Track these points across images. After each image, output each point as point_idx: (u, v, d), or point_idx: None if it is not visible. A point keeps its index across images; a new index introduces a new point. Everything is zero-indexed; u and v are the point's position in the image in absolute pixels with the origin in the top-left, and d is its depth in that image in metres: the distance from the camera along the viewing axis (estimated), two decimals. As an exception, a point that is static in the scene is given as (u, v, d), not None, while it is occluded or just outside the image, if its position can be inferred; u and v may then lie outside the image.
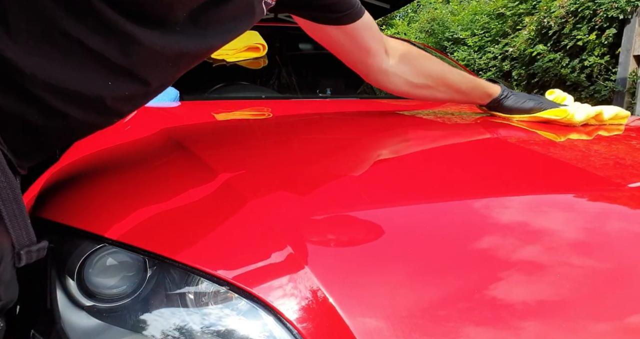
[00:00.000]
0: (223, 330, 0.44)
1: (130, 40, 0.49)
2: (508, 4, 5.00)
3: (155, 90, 0.58)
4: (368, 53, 0.89)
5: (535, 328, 0.42)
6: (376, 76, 0.95)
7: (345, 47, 0.88)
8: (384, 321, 0.41)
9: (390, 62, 0.93)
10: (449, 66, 1.00)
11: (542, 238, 0.52)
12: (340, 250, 0.48)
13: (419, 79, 0.96)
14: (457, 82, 0.99)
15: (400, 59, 0.94)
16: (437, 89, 0.97)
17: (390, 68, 0.93)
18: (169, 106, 1.22)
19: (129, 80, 0.51)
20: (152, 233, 0.50)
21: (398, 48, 0.95)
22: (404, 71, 0.94)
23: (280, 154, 0.75)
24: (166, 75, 0.57)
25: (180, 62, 0.56)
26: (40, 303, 0.47)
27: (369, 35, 0.87)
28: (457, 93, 1.00)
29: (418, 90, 0.97)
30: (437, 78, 0.97)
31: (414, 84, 0.96)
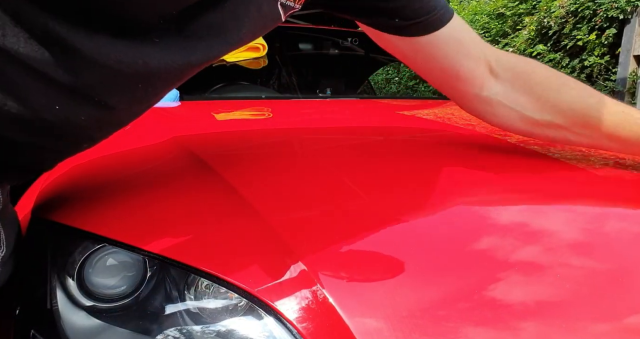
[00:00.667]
0: (223, 330, 0.44)
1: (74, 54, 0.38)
2: (508, 4, 4.99)
3: (127, 113, 0.47)
4: (457, 75, 0.63)
5: (535, 328, 0.42)
6: (474, 106, 0.68)
7: (421, 66, 0.64)
8: (383, 321, 0.41)
9: (497, 88, 0.65)
10: (599, 96, 0.65)
11: (542, 239, 0.52)
12: (340, 250, 0.48)
13: (543, 114, 0.65)
14: (609, 123, 0.63)
15: (514, 84, 0.65)
16: (571, 130, 0.65)
17: (496, 96, 0.65)
18: (169, 106, 1.23)
19: (82, 104, 0.41)
20: (152, 233, 0.50)
21: (512, 67, 0.66)
22: (518, 102, 0.65)
23: (280, 155, 0.75)
24: (136, 97, 0.45)
25: (156, 82, 0.44)
26: (40, 303, 0.47)
27: (456, 52, 0.61)
28: (609, 139, 0.65)
29: (541, 129, 0.67)
30: (573, 115, 0.64)
31: (533, 121, 0.65)
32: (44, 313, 0.47)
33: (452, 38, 0.60)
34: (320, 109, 1.27)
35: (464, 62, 0.62)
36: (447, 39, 0.60)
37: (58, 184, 0.64)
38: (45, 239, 0.52)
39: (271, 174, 0.65)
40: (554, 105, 0.64)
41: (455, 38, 0.60)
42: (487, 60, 0.64)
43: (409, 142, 0.86)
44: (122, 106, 0.44)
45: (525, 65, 0.66)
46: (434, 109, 1.19)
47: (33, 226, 0.54)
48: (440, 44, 0.60)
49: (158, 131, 0.89)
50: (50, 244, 0.51)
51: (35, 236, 0.53)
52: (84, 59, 0.38)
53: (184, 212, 0.53)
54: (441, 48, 0.60)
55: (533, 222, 0.54)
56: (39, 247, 0.51)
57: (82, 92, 0.40)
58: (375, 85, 4.60)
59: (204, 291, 0.46)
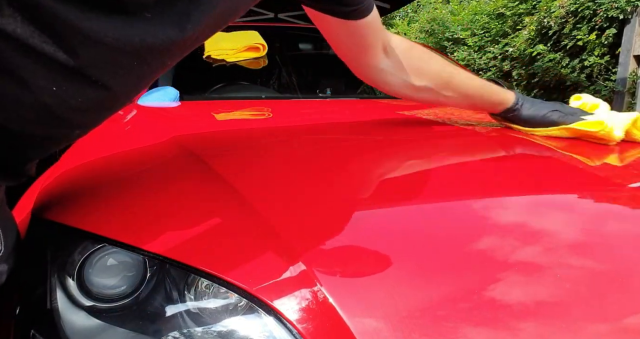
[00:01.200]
0: (223, 330, 0.44)
1: (72, 32, 0.38)
2: (508, 4, 4.99)
3: (122, 95, 0.47)
4: (365, 51, 0.82)
5: (535, 328, 0.42)
6: (372, 76, 0.87)
7: (344, 42, 0.81)
8: (383, 321, 0.41)
9: (388, 61, 0.85)
10: (457, 68, 0.90)
11: (542, 239, 0.52)
12: (341, 250, 0.48)
13: (420, 81, 0.86)
14: (463, 86, 0.88)
15: (400, 58, 0.85)
16: (440, 93, 0.87)
17: (387, 68, 0.84)
18: (168, 106, 1.22)
19: (79, 85, 0.41)
20: (152, 233, 0.50)
21: (399, 46, 0.86)
22: (402, 72, 0.85)
23: (280, 155, 0.75)
24: (132, 76, 0.45)
25: (152, 59, 0.45)
26: (40, 303, 0.47)
27: (370, 33, 0.80)
28: (464, 99, 0.89)
29: (418, 93, 0.88)
30: (440, 81, 0.87)
31: (413, 86, 0.86)
32: (44, 313, 0.47)
33: (371, 23, 0.78)
34: (320, 109, 1.27)
35: (373, 41, 0.81)
36: (368, 23, 0.77)
37: (58, 184, 0.64)
38: (45, 239, 0.52)
39: (271, 174, 0.65)
40: (426, 73, 0.86)
41: (373, 23, 0.78)
42: (383, 41, 0.83)
43: (409, 142, 0.86)
44: (118, 87, 0.44)
45: (406, 44, 0.87)
46: (434, 109, 1.19)
47: (33, 226, 0.54)
48: (363, 27, 0.77)
49: (158, 131, 0.89)
50: (50, 244, 0.51)
51: (35, 236, 0.53)
52: (81, 38, 0.38)
53: (184, 213, 0.53)
54: (362, 30, 0.78)
55: (533, 222, 0.54)
56: (39, 247, 0.51)
57: (80, 72, 0.40)
58: (375, 85, 4.59)
59: (204, 291, 0.46)
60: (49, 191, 0.61)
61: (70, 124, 0.46)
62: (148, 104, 1.23)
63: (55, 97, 0.40)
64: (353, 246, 0.49)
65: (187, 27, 0.44)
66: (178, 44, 0.45)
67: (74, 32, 0.38)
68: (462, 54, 5.32)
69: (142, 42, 0.41)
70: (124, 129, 1.00)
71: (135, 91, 0.49)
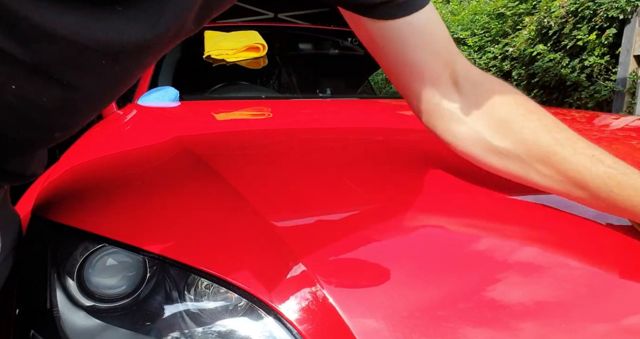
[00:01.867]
0: (223, 330, 0.44)
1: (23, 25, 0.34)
2: (508, 4, 4.99)
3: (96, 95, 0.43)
4: (421, 76, 0.55)
5: (535, 328, 0.42)
6: (432, 118, 0.58)
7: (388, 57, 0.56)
8: (383, 322, 0.41)
9: (459, 102, 0.56)
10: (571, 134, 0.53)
11: (542, 239, 0.52)
12: (341, 250, 0.48)
13: (503, 140, 0.54)
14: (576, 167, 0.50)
15: (477, 102, 0.55)
16: (533, 166, 0.53)
17: (456, 111, 0.56)
18: (168, 106, 1.23)
19: (41, 83, 0.37)
20: (152, 233, 0.50)
21: (479, 82, 0.56)
22: (477, 123, 0.55)
23: (280, 155, 0.75)
24: (103, 76, 0.40)
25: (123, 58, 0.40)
26: (40, 303, 0.47)
27: (425, 46, 0.54)
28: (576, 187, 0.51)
29: (499, 158, 0.56)
30: (537, 149, 0.52)
31: (491, 147, 0.55)
32: (44, 313, 0.47)
33: (424, 29, 0.53)
34: (320, 109, 1.27)
35: (431, 61, 0.55)
36: (418, 28, 0.53)
37: (58, 184, 0.64)
38: (45, 239, 0.52)
39: (271, 174, 0.65)
40: (516, 132, 0.54)
41: (427, 30, 0.53)
42: (455, 68, 0.56)
43: (409, 142, 0.86)
44: (87, 86, 0.40)
45: (493, 84, 0.57)
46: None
47: (33, 226, 0.54)
48: (409, 32, 0.53)
49: (158, 131, 0.89)
50: (50, 244, 0.51)
51: (35, 236, 0.53)
52: (35, 32, 0.34)
53: (184, 213, 0.53)
54: (409, 38, 0.53)
55: (533, 222, 0.54)
56: (39, 247, 0.51)
57: (40, 69, 0.36)
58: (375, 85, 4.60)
59: (204, 291, 0.46)
60: (49, 191, 0.61)
61: (45, 126, 0.42)
62: (148, 104, 1.24)
63: (18, 96, 0.37)
64: (353, 247, 0.49)
65: (161, 24, 0.39)
66: (152, 42, 0.40)
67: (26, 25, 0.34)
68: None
69: (107, 39, 0.36)
70: (124, 129, 1.00)
71: (115, 91, 0.44)
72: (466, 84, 0.56)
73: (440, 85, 0.56)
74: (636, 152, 0.81)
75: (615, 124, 1.16)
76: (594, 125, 1.12)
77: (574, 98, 4.00)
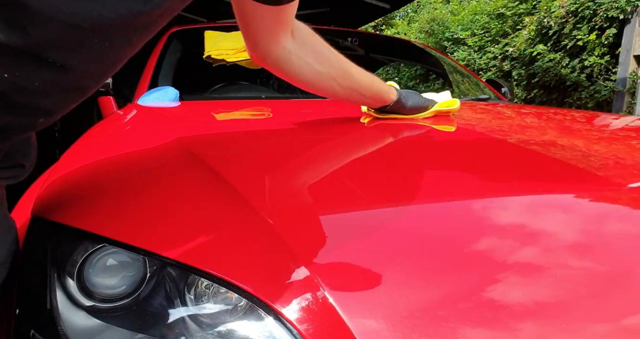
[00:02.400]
0: (223, 330, 0.44)
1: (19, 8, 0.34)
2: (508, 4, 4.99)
3: (86, 77, 0.43)
4: (276, 32, 0.76)
5: (535, 328, 0.42)
6: (275, 56, 0.80)
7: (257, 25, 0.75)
8: (383, 322, 0.41)
9: (295, 42, 0.80)
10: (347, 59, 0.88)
11: (542, 239, 0.52)
12: (341, 250, 0.48)
13: (322, 66, 0.83)
14: (358, 76, 0.87)
15: (306, 41, 0.81)
16: (339, 83, 0.85)
17: (293, 49, 0.79)
18: (168, 106, 1.22)
19: (34, 67, 0.37)
20: (152, 233, 0.50)
21: (304, 29, 0.82)
22: (307, 55, 0.81)
23: (281, 156, 0.75)
24: (94, 56, 0.40)
25: (113, 36, 0.40)
26: (40, 303, 0.47)
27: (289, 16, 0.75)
28: (359, 92, 0.89)
29: (320, 81, 0.84)
30: (340, 71, 0.85)
31: (316, 71, 0.82)
32: (44, 313, 0.47)
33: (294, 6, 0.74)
34: (320, 109, 1.27)
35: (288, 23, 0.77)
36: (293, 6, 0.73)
37: (58, 184, 0.64)
38: (45, 239, 0.52)
39: (271, 175, 0.65)
40: (328, 60, 0.84)
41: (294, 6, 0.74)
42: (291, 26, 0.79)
43: (409, 142, 0.86)
44: (79, 67, 0.40)
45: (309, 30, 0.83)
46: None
47: (33, 226, 0.54)
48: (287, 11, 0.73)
49: (158, 131, 0.89)
50: (50, 244, 0.51)
51: (35, 236, 0.53)
52: (31, 13, 0.34)
53: (184, 213, 0.53)
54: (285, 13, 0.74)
55: (533, 222, 0.54)
56: (39, 247, 0.51)
57: (32, 52, 0.36)
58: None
59: (204, 291, 0.46)
60: (49, 191, 0.61)
61: (32, 110, 0.42)
62: (148, 104, 1.23)
63: (8, 83, 0.37)
64: (353, 247, 0.49)
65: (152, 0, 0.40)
66: (143, 19, 0.41)
67: (22, 7, 0.34)
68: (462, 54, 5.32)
69: (101, 17, 0.37)
70: (124, 129, 1.00)
71: (102, 72, 0.44)
72: (298, 31, 0.80)
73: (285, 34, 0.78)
74: (636, 152, 0.81)
75: (615, 124, 1.16)
76: (594, 125, 1.12)
77: (574, 98, 4.00)
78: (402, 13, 9.09)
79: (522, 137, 0.87)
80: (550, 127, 1.02)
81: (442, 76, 2.33)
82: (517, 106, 1.63)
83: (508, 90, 2.11)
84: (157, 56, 1.58)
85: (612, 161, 0.73)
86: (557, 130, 0.99)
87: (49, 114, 0.44)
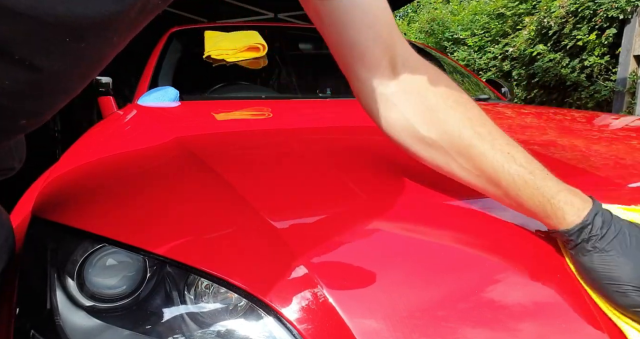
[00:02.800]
0: (223, 330, 0.44)
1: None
2: (508, 4, 5.00)
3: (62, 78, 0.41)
4: (360, 57, 0.55)
5: (534, 328, 0.42)
6: (366, 99, 0.58)
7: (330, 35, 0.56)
8: (383, 322, 0.41)
9: (394, 86, 0.56)
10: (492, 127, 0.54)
11: (541, 240, 0.52)
12: (341, 250, 0.48)
13: (430, 130, 0.55)
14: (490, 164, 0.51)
15: (412, 87, 0.56)
16: (454, 159, 0.54)
17: (391, 97, 0.56)
18: (168, 106, 1.23)
19: (2, 65, 0.35)
20: (152, 233, 0.50)
21: (416, 68, 0.56)
22: (408, 108, 0.55)
23: (281, 156, 0.75)
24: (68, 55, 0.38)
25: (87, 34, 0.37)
26: (40, 303, 0.47)
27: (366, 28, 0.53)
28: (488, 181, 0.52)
29: (424, 148, 0.56)
30: (457, 142, 0.53)
31: (419, 136, 0.55)
32: (44, 313, 0.47)
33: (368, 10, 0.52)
34: (320, 109, 1.27)
35: (372, 44, 0.54)
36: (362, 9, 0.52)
37: (58, 184, 0.64)
38: (45, 239, 0.52)
39: (271, 175, 0.65)
40: (441, 123, 0.54)
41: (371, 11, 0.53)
42: (395, 53, 0.55)
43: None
44: (52, 67, 0.38)
45: (429, 72, 0.57)
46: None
47: (33, 226, 0.54)
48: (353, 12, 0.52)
49: (158, 131, 0.89)
50: (50, 245, 0.51)
51: (35, 236, 0.53)
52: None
53: (184, 213, 0.53)
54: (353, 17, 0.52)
55: (532, 222, 0.54)
56: (39, 247, 0.51)
57: (1, 50, 0.34)
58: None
59: (204, 291, 0.46)
60: (49, 191, 0.61)
61: (7, 112, 0.39)
62: (148, 104, 1.24)
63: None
64: (353, 247, 0.49)
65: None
66: (117, 17, 0.38)
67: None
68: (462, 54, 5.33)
69: (68, 13, 0.34)
70: (124, 129, 1.00)
71: (86, 73, 0.42)
72: (403, 70, 0.56)
73: (378, 69, 0.55)
74: (636, 152, 0.81)
75: (615, 124, 1.16)
76: (594, 125, 1.12)
77: (574, 98, 4.00)
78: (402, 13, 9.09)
79: (522, 137, 0.87)
80: (550, 127, 1.02)
81: (442, 76, 2.33)
82: (517, 106, 1.63)
83: (508, 90, 2.11)
84: (157, 56, 1.58)
85: (612, 161, 0.73)
86: (557, 130, 0.99)
87: (32, 115, 0.42)
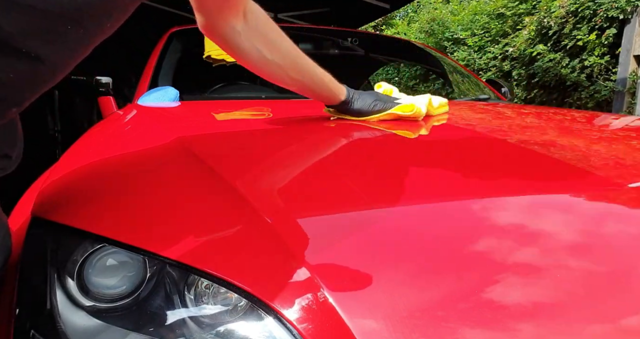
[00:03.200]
0: (223, 330, 0.44)
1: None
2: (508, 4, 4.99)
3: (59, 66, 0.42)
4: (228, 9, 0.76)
5: (534, 329, 0.42)
6: (226, 36, 0.80)
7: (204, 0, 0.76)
8: (383, 322, 0.41)
9: (246, 25, 0.80)
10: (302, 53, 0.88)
11: (541, 239, 0.52)
12: (341, 251, 0.48)
13: (271, 54, 0.83)
14: (309, 72, 0.88)
15: (257, 26, 0.81)
16: (287, 73, 0.86)
17: (244, 32, 0.80)
18: (168, 106, 1.22)
19: (7, 58, 0.36)
20: (152, 233, 0.50)
21: (259, 15, 0.81)
22: (257, 40, 0.81)
23: (281, 156, 0.75)
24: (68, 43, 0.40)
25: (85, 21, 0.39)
26: (40, 303, 0.47)
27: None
28: (307, 84, 0.89)
29: (267, 67, 0.85)
30: (290, 61, 0.85)
31: (264, 58, 0.83)
32: (44, 313, 0.47)
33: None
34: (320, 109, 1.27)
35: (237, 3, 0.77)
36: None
37: (58, 184, 0.64)
38: (45, 239, 0.52)
39: (271, 175, 0.65)
40: (279, 48, 0.84)
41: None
42: (245, 3, 0.79)
43: (409, 142, 0.86)
44: (54, 57, 0.40)
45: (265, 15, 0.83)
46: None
47: (33, 225, 0.54)
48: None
49: (158, 131, 0.89)
50: (50, 244, 0.51)
51: (35, 236, 0.53)
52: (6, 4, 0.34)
53: (184, 213, 0.53)
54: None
55: (532, 222, 0.54)
56: (39, 247, 0.51)
57: (9, 45, 0.35)
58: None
59: (204, 291, 0.46)
60: (49, 191, 0.61)
61: (4, 103, 0.41)
62: (148, 104, 1.24)
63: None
64: (353, 247, 0.49)
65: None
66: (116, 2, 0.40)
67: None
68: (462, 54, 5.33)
69: (72, 2, 0.36)
70: (124, 129, 1.00)
71: (74, 60, 0.44)
72: (251, 15, 0.80)
73: (237, 14, 0.78)
74: (636, 152, 0.81)
75: (615, 124, 1.16)
76: (594, 125, 1.12)
77: (574, 98, 4.00)
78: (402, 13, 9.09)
79: (522, 137, 0.87)
80: (550, 127, 1.02)
81: (442, 76, 2.33)
82: (517, 106, 1.63)
83: (508, 90, 2.11)
84: (157, 56, 1.58)
85: (612, 161, 0.73)
86: (557, 130, 0.99)
87: (22, 105, 0.43)
